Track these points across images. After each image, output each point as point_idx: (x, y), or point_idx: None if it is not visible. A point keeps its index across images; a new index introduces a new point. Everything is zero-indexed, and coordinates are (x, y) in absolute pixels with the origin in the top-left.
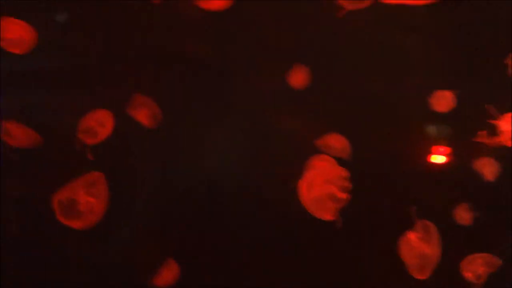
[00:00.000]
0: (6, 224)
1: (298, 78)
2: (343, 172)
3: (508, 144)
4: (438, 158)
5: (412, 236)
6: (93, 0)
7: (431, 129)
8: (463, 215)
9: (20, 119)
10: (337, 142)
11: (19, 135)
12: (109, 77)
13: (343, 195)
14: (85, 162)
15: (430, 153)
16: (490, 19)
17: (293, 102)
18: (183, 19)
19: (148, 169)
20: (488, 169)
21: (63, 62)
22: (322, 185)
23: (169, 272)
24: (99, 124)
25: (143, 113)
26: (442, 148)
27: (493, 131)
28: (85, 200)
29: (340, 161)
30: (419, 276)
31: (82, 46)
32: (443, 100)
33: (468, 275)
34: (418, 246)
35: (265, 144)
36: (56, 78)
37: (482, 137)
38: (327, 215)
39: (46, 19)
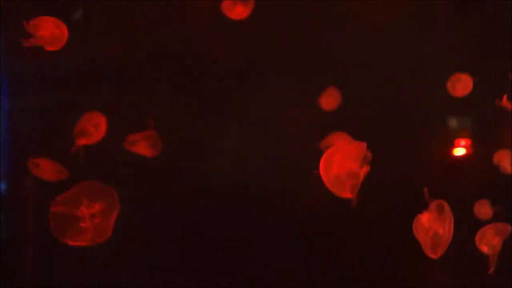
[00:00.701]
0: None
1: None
2: (361, 144)
3: None
4: (458, 151)
5: (425, 217)
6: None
7: (452, 121)
8: (483, 210)
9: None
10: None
11: (48, 169)
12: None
13: (363, 169)
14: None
15: (450, 146)
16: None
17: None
18: (203, 25)
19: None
20: (507, 161)
21: (68, 63)
22: (341, 161)
23: None
24: (93, 126)
25: (142, 146)
26: (462, 141)
27: None
28: (88, 213)
29: None
30: (433, 256)
31: (91, 47)
32: (459, 84)
33: (484, 248)
34: (432, 226)
35: (281, 141)
36: (56, 79)
37: (505, 103)
38: (346, 193)
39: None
